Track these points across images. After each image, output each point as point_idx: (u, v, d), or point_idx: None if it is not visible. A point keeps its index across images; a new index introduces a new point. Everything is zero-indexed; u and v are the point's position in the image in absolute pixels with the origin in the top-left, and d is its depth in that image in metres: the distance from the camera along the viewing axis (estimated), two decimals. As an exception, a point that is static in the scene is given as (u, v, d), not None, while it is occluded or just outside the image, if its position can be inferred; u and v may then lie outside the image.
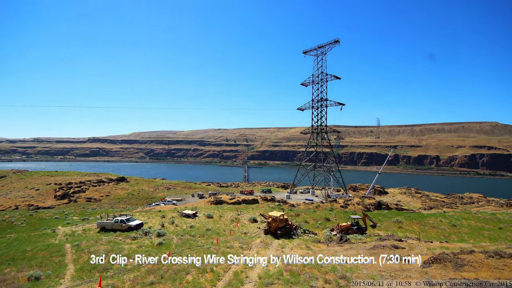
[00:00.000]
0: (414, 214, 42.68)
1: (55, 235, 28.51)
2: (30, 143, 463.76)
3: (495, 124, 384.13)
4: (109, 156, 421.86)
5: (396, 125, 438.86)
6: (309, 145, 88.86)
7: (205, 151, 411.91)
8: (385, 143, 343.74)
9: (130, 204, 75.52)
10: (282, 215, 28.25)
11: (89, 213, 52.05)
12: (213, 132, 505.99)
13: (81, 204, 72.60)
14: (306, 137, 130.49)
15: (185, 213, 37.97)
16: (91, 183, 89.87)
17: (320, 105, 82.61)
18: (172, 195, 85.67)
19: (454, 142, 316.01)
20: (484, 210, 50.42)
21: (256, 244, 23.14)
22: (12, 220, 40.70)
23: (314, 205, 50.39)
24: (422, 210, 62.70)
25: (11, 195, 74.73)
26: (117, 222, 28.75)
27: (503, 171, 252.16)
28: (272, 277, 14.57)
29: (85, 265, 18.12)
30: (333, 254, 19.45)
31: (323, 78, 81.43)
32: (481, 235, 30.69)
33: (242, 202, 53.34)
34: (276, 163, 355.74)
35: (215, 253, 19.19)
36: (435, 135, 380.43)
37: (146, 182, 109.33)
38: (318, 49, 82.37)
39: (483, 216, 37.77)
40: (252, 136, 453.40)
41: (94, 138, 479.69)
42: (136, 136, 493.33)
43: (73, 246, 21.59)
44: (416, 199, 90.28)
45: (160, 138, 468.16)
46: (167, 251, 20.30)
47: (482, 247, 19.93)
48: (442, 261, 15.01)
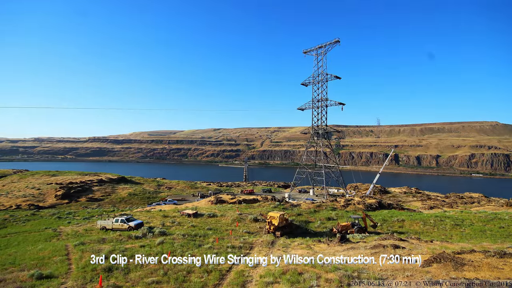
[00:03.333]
0: (414, 214, 42.69)
1: (56, 235, 28.60)
2: (31, 142, 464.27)
3: (495, 124, 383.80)
4: (110, 156, 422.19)
5: (396, 125, 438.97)
6: (309, 145, 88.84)
7: (206, 150, 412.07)
8: (385, 143, 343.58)
9: (131, 203, 75.59)
10: (282, 215, 28.27)
11: (90, 212, 52.16)
12: (213, 132, 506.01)
13: (82, 203, 72.69)
14: (306, 137, 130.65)
15: (186, 212, 38.05)
16: (92, 182, 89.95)
17: (320, 105, 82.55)
18: (172, 194, 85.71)
19: (454, 142, 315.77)
20: (485, 210, 50.41)
21: (257, 243, 23.17)
22: (13, 220, 40.80)
23: (314, 205, 50.38)
24: (422, 209, 62.68)
25: (12, 194, 74.86)
26: (118, 222, 28.83)
27: (503, 171, 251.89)
28: (273, 276, 14.60)
29: (86, 264, 18.16)
30: (333, 253, 19.48)
31: (323, 78, 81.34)
32: (482, 235, 30.66)
33: (242, 201, 53.37)
34: (276, 163, 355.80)
35: (216, 253, 19.22)
36: (435, 134, 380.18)
37: (147, 181, 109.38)
38: (318, 49, 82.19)
39: (484, 216, 37.75)
40: (252, 136, 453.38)
41: (95, 137, 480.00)
42: (136, 136, 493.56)
43: (74, 246, 21.65)
44: (416, 199, 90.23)
45: (161, 138, 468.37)
46: (168, 250, 20.34)
47: (482, 246, 19.92)
48: (443, 260, 15.03)
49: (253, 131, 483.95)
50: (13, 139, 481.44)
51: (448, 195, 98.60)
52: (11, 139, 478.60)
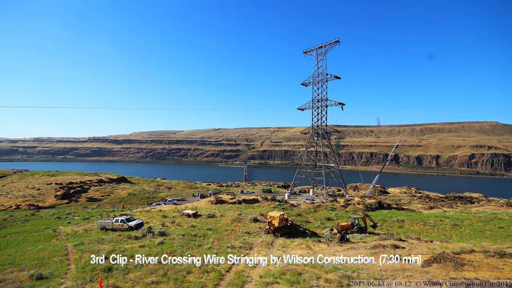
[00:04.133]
0: (414, 214, 42.68)
1: (56, 235, 28.58)
2: (30, 142, 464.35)
3: (495, 124, 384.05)
4: (110, 156, 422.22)
5: (396, 125, 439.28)
6: (309, 145, 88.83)
7: (205, 151, 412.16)
8: (385, 143, 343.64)
9: (130, 204, 75.57)
10: (282, 215, 28.25)
11: (90, 213, 52.13)
12: (213, 132, 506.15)
13: (82, 204, 72.67)
14: (306, 137, 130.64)
15: (186, 212, 38.03)
16: (92, 183, 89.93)
17: (320, 105, 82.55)
18: (172, 194, 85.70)
19: (454, 142, 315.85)
20: (485, 210, 50.41)
21: (257, 243, 23.16)
22: (13, 220, 40.78)
23: (314, 205, 50.38)
24: (422, 209, 62.69)
25: (11, 194, 74.83)
26: (117, 222, 28.82)
27: (503, 171, 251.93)
28: (273, 276, 14.59)
29: (86, 265, 18.15)
30: (333, 254, 19.47)
31: (323, 78, 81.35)
32: (482, 235, 30.66)
33: (242, 201, 53.38)
34: (276, 163, 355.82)
35: (216, 253, 19.21)
36: (435, 134, 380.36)
37: (146, 182, 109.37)
38: (318, 49, 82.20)
39: (484, 216, 37.75)
40: (252, 136, 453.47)
41: (95, 138, 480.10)
42: (136, 136, 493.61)
43: (74, 246, 21.63)
44: (416, 199, 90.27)
45: (161, 138, 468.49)
46: (167, 250, 20.33)
47: (482, 246, 19.92)
48: (443, 260, 15.03)
49: (253, 131, 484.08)
50: (13, 139, 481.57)
51: (448, 195, 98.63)
52: (11, 139, 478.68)
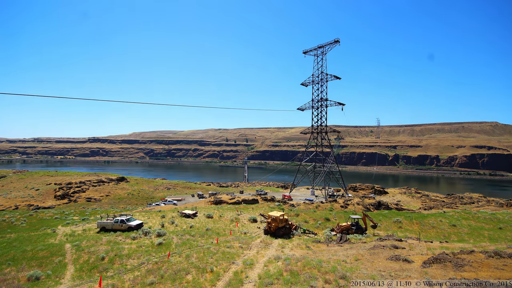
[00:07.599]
0: (414, 214, 42.63)
1: (55, 235, 28.52)
2: (30, 143, 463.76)
3: (495, 124, 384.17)
4: (109, 156, 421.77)
5: (396, 125, 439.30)
6: (309, 145, 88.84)
7: (205, 151, 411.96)
8: (385, 143, 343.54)
9: (130, 204, 75.48)
10: (282, 215, 28.22)
11: (89, 213, 52.04)
12: (213, 132, 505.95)
13: (81, 204, 72.56)
14: (306, 137, 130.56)
15: (185, 213, 37.95)
16: (91, 183, 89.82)
17: (320, 105, 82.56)
18: (172, 195, 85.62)
19: (454, 142, 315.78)
20: (484, 210, 50.39)
21: (256, 244, 23.13)
22: (12, 220, 40.71)
23: (314, 205, 50.36)
24: (422, 210, 62.68)
25: (11, 195, 74.70)
26: (117, 222, 28.74)
27: (503, 171, 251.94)
28: (272, 277, 14.56)
29: (85, 265, 18.13)
30: (333, 254, 19.45)
31: (323, 78, 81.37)
32: (481, 235, 30.66)
33: (242, 202, 53.32)
34: (276, 163, 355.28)
35: (215, 253, 19.19)
36: (435, 135, 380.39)
37: (146, 182, 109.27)
38: (318, 49, 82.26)
39: (483, 216, 37.75)
40: (252, 136, 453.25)
41: (94, 138, 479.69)
42: (136, 136, 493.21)
43: (73, 246, 21.58)
44: (416, 199, 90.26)
45: (160, 138, 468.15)
46: (167, 251, 20.30)
47: (482, 247, 19.92)
48: (442, 261, 15.00)
49: (253, 131, 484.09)
50: (12, 139, 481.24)
51: (448, 195, 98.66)
52: (10, 139, 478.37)
